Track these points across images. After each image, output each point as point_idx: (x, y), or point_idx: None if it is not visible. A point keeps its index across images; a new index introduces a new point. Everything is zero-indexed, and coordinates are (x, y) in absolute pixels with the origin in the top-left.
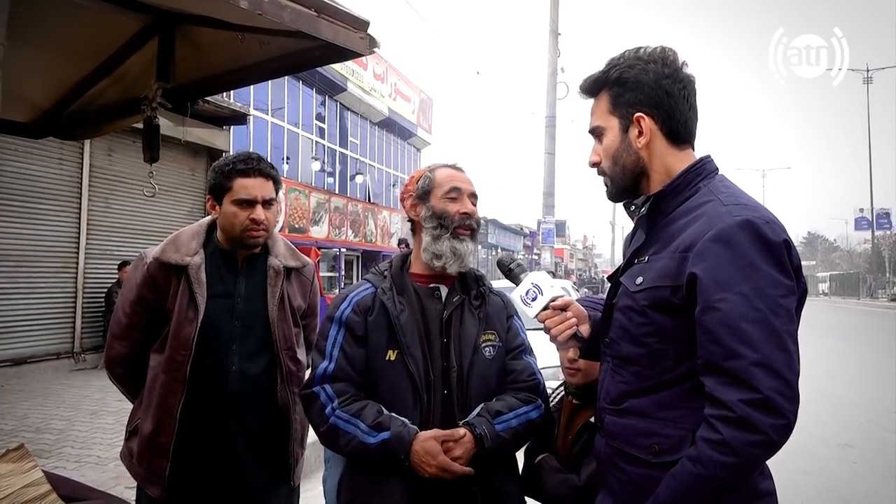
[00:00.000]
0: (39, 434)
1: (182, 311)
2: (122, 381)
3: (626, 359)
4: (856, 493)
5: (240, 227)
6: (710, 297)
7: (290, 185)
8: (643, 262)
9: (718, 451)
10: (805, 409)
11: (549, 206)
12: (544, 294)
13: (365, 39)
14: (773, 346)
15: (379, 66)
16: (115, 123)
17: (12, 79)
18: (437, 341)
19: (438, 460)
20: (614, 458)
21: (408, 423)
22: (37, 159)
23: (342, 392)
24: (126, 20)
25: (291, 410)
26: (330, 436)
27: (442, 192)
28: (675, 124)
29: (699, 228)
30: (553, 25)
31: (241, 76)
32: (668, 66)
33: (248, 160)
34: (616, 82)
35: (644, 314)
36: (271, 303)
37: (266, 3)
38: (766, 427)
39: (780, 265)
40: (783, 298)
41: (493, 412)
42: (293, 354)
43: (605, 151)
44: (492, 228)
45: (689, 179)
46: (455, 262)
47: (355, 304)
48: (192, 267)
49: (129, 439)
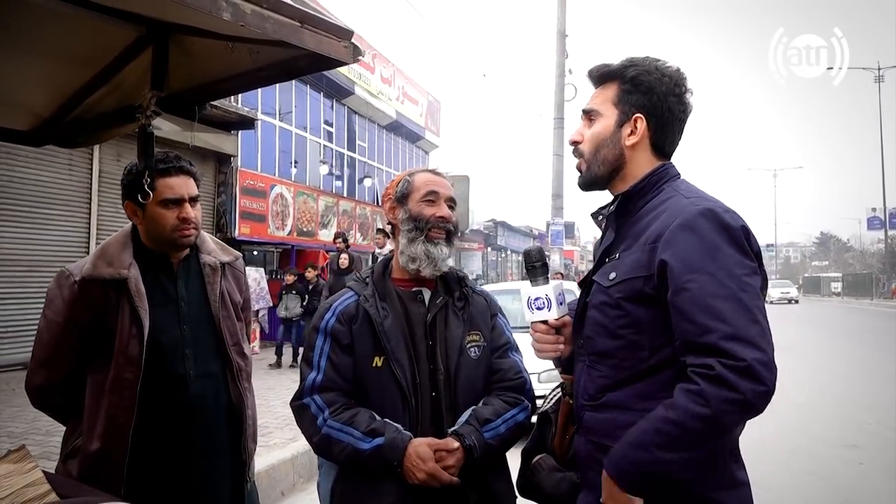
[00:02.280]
0: (49, 437)
1: (125, 327)
2: (50, 408)
3: (603, 353)
4: (862, 494)
5: (170, 227)
6: (680, 280)
7: (298, 189)
8: (614, 258)
9: (692, 400)
10: (811, 411)
11: (558, 207)
12: (550, 311)
13: (349, 48)
14: (746, 320)
15: (386, 69)
16: (114, 131)
17: (12, 88)
18: (423, 345)
19: (429, 466)
20: (595, 454)
21: (401, 430)
22: (47, 165)
23: (332, 402)
24: (122, 30)
25: (244, 406)
26: (323, 445)
27: (419, 195)
28: (663, 138)
29: (665, 220)
30: (560, 27)
31: (234, 84)
32: (679, 87)
33: (167, 159)
34: (630, 80)
35: (619, 307)
36: (214, 301)
37: (248, 15)
38: (743, 388)
39: (741, 248)
40: (748, 277)
41: (481, 420)
42: (241, 350)
43: (592, 136)
44: (501, 230)
45: (654, 181)
46: (429, 265)
47: (339, 313)
48: (130, 280)
49: (65, 461)
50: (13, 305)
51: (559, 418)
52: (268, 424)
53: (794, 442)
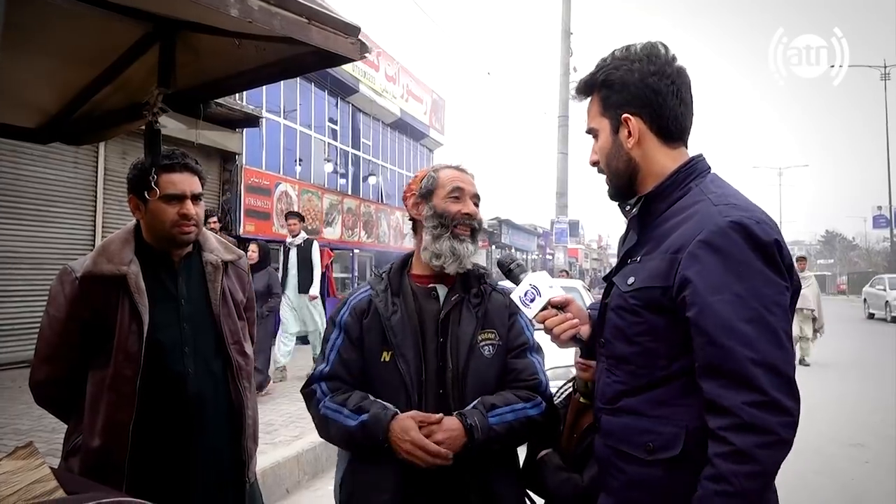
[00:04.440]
0: (55, 434)
1: (125, 324)
2: (52, 404)
3: (620, 358)
4: (868, 493)
5: (169, 223)
6: (704, 300)
7: (302, 187)
8: (635, 262)
9: (736, 462)
10: (817, 410)
11: (563, 205)
12: (542, 295)
13: (356, 45)
14: (771, 345)
15: (391, 67)
16: (120, 128)
17: (20, 86)
18: (434, 341)
19: (411, 435)
20: (612, 458)
21: (388, 406)
22: (52, 163)
23: (335, 388)
24: (128, 28)
25: (244, 406)
26: (322, 426)
27: (445, 192)
28: (664, 122)
29: (690, 229)
30: (565, 25)
31: (240, 80)
32: (653, 64)
33: (173, 156)
34: (603, 84)
35: (636, 313)
36: (215, 299)
37: (256, 12)
38: (775, 427)
39: (772, 264)
40: (777, 296)
41: (487, 405)
42: (241, 349)
43: (601, 152)
44: (505, 228)
45: (680, 179)
46: (454, 262)
47: (352, 307)
48: (130, 276)
49: (66, 459)
50: (19, 303)
51: (568, 415)
52: (273, 422)
53: (800, 440)
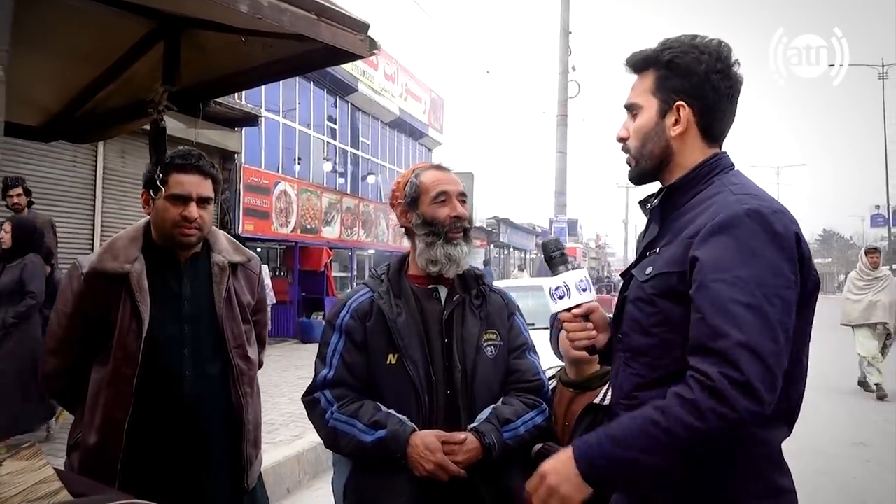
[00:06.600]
0: (61, 433)
1: (125, 322)
2: (61, 396)
3: (637, 350)
4: (870, 492)
5: (170, 223)
6: (706, 278)
7: (301, 186)
8: (654, 253)
9: (687, 410)
10: (819, 409)
11: (561, 204)
12: (572, 298)
13: (365, 42)
14: (763, 334)
15: (390, 66)
16: (124, 126)
17: (23, 84)
18: (438, 342)
19: (437, 457)
20: None
21: (405, 421)
22: (51, 162)
23: (341, 396)
24: (132, 25)
25: (244, 411)
26: (330, 438)
27: (430, 197)
28: (712, 121)
29: (708, 216)
30: (564, 24)
31: (246, 78)
32: (721, 62)
33: (188, 156)
34: (666, 65)
35: (653, 303)
36: (218, 301)
37: (266, 8)
38: (740, 406)
39: (785, 256)
40: (782, 289)
41: (502, 420)
42: (244, 353)
43: (637, 130)
44: (504, 227)
45: (704, 173)
46: (451, 267)
47: (353, 310)
48: (132, 275)
49: (69, 454)
50: None
51: (556, 407)
52: (273, 421)
53: (801, 439)
